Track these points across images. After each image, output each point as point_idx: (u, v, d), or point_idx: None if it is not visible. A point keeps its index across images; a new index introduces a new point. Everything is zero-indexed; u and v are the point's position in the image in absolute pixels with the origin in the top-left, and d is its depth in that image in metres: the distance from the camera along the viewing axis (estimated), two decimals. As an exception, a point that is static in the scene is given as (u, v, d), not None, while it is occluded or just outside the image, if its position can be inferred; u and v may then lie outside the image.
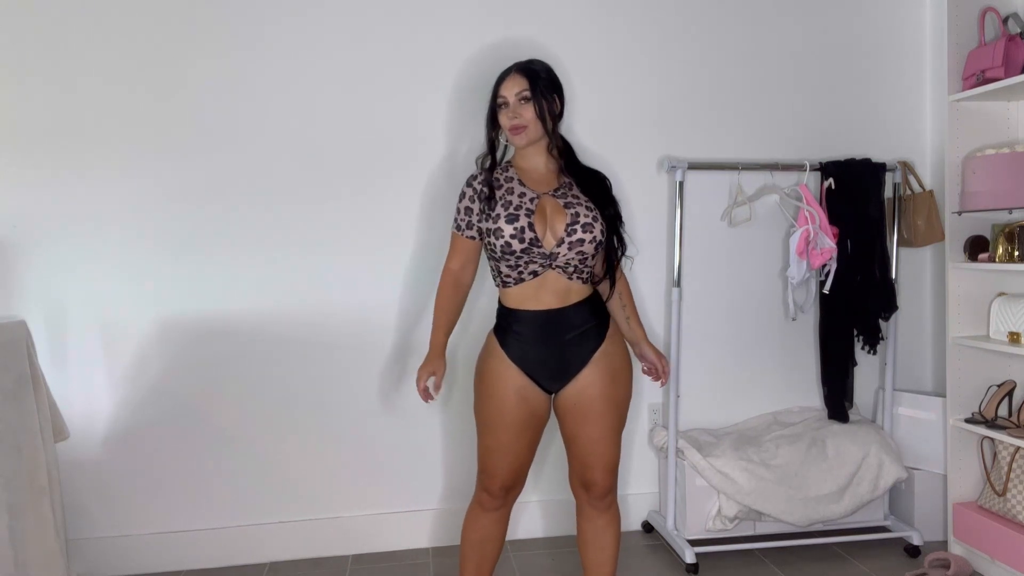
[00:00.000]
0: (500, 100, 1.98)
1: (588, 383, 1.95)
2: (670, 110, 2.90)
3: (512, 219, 1.90)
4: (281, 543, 2.79)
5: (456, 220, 2.05)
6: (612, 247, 2.02)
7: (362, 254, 2.76)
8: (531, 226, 1.89)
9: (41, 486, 2.11)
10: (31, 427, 2.10)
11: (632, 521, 2.98)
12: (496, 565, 2.15)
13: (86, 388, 2.66)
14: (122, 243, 2.65)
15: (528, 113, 1.94)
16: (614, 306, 2.09)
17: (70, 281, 2.63)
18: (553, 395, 2.01)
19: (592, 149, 2.79)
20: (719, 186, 2.90)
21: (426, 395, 2.04)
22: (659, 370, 2.12)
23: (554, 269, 1.93)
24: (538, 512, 2.91)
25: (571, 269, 1.94)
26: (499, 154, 2.06)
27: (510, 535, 2.87)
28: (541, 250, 1.91)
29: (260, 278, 2.72)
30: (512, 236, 1.89)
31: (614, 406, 1.98)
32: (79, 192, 2.62)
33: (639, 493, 2.99)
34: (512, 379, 1.95)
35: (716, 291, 2.96)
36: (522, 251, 1.90)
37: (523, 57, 2.12)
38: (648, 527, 2.97)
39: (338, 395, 2.79)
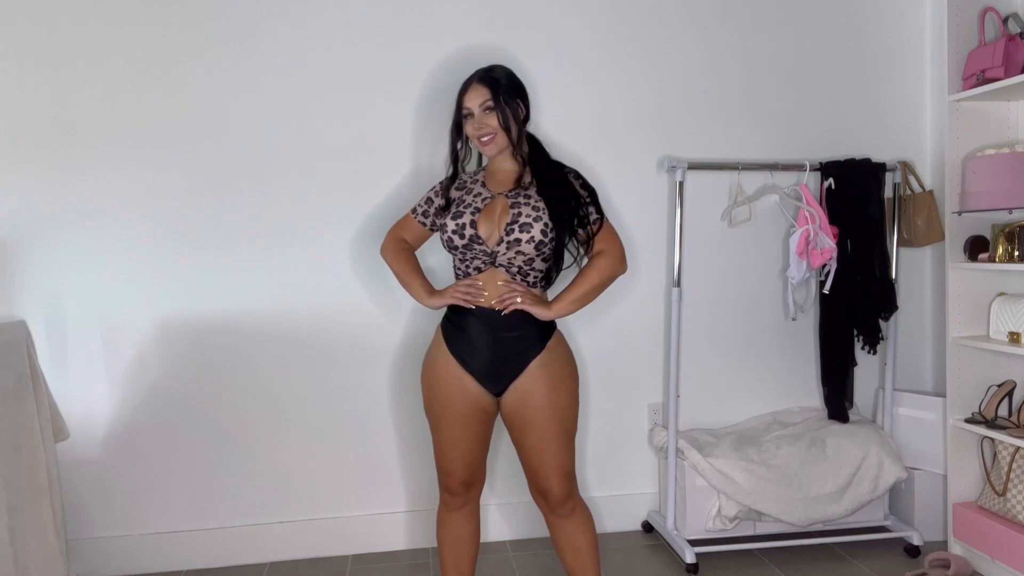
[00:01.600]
0: (465, 111, 2.00)
1: (528, 391, 1.93)
2: (670, 110, 2.90)
3: (457, 216, 1.97)
4: (281, 543, 2.79)
5: (416, 204, 2.19)
6: (560, 244, 1.96)
7: (361, 255, 2.76)
8: (472, 223, 1.94)
9: (41, 486, 2.11)
10: (31, 427, 2.10)
11: (632, 521, 2.98)
12: (475, 563, 2.16)
13: (86, 388, 2.66)
14: (122, 243, 2.65)
15: (493, 122, 1.96)
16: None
17: (70, 281, 2.63)
18: (498, 399, 2.00)
19: (592, 149, 2.79)
20: (719, 186, 2.90)
21: (477, 290, 1.95)
22: (506, 295, 1.94)
23: (497, 267, 1.96)
24: (536, 512, 2.90)
25: (514, 270, 1.96)
26: (464, 162, 2.11)
27: (510, 535, 2.88)
28: (483, 248, 1.95)
29: (260, 278, 2.72)
30: (453, 232, 1.96)
31: (557, 413, 1.95)
32: (79, 192, 2.62)
33: (639, 493, 2.99)
34: (454, 374, 1.97)
35: (716, 291, 2.96)
36: (463, 247, 1.96)
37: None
38: (648, 527, 2.97)
39: (338, 395, 2.79)
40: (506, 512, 2.89)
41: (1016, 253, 2.47)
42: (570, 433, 1.99)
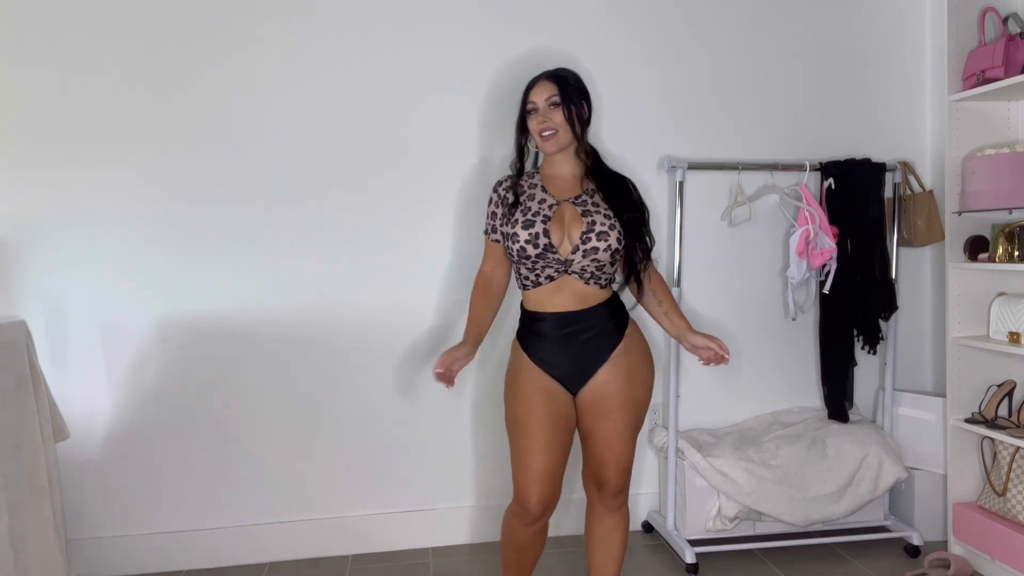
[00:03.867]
0: (530, 106, 2.02)
1: (606, 380, 1.96)
2: (670, 110, 2.90)
3: (528, 225, 1.93)
4: (281, 543, 2.79)
5: (485, 225, 2.10)
6: (632, 251, 2.01)
7: (361, 256, 2.76)
8: (546, 232, 1.92)
9: (41, 486, 2.11)
10: (31, 427, 2.10)
11: (632, 521, 2.97)
12: (535, 566, 2.16)
13: (86, 388, 2.66)
14: (122, 243, 2.65)
15: (558, 118, 1.97)
16: (650, 304, 2.10)
17: (70, 281, 2.63)
18: (575, 398, 2.01)
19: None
20: (719, 186, 2.90)
21: (439, 376, 1.94)
22: (716, 351, 1.97)
23: (570, 275, 1.96)
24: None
25: (587, 275, 1.96)
26: (528, 161, 2.10)
27: (510, 535, 2.87)
28: (556, 256, 1.94)
29: (260, 278, 2.72)
30: (527, 241, 1.92)
31: (631, 404, 1.98)
32: (79, 192, 2.62)
33: (639, 493, 2.99)
34: (537, 379, 1.97)
35: (716, 291, 2.96)
36: (537, 256, 1.93)
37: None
38: (648, 527, 2.97)
39: (338, 395, 2.79)
40: (506, 512, 2.89)
41: (1016, 253, 2.47)
42: (637, 427, 2.02)
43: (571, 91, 1.99)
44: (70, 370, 2.65)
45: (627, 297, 2.15)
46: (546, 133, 1.98)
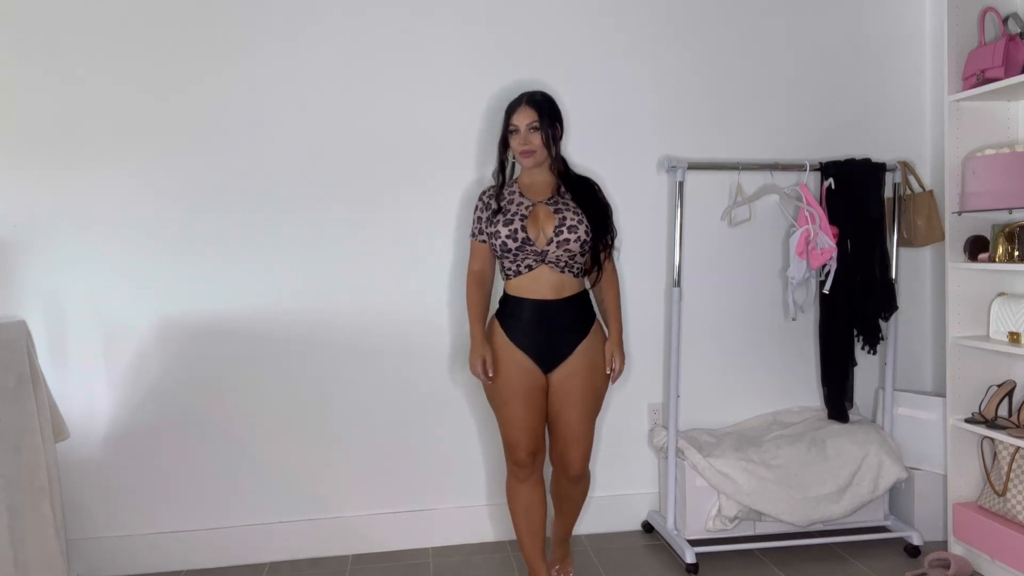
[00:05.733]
0: (512, 128, 2.27)
1: (572, 371, 2.25)
2: (670, 110, 2.90)
3: (508, 223, 2.23)
4: (281, 543, 2.79)
5: (472, 228, 2.38)
6: (596, 243, 2.27)
7: (362, 256, 2.76)
8: (524, 228, 2.22)
9: (41, 486, 2.11)
10: (31, 427, 2.10)
11: (632, 521, 2.98)
12: (545, 527, 2.39)
13: (86, 388, 2.66)
14: (122, 243, 2.65)
15: (536, 140, 2.25)
16: (597, 297, 2.37)
17: (70, 281, 2.63)
18: (547, 376, 2.27)
19: (593, 149, 2.80)
20: (719, 186, 2.90)
21: (485, 377, 2.28)
22: (615, 375, 2.32)
23: (547, 264, 2.22)
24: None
25: (562, 264, 2.24)
26: (508, 172, 2.35)
27: (510, 535, 2.88)
28: (533, 248, 2.21)
29: (260, 279, 2.72)
30: (507, 236, 2.21)
31: (593, 394, 2.29)
32: (79, 192, 2.62)
33: (639, 493, 2.99)
34: (514, 355, 2.25)
35: (716, 291, 2.96)
36: (516, 249, 2.22)
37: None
38: (648, 527, 2.97)
39: (338, 395, 2.79)
40: (506, 512, 2.89)
41: (1016, 253, 2.47)
42: (596, 414, 2.33)
43: (547, 116, 2.25)
44: (70, 370, 2.65)
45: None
46: (526, 153, 2.24)
